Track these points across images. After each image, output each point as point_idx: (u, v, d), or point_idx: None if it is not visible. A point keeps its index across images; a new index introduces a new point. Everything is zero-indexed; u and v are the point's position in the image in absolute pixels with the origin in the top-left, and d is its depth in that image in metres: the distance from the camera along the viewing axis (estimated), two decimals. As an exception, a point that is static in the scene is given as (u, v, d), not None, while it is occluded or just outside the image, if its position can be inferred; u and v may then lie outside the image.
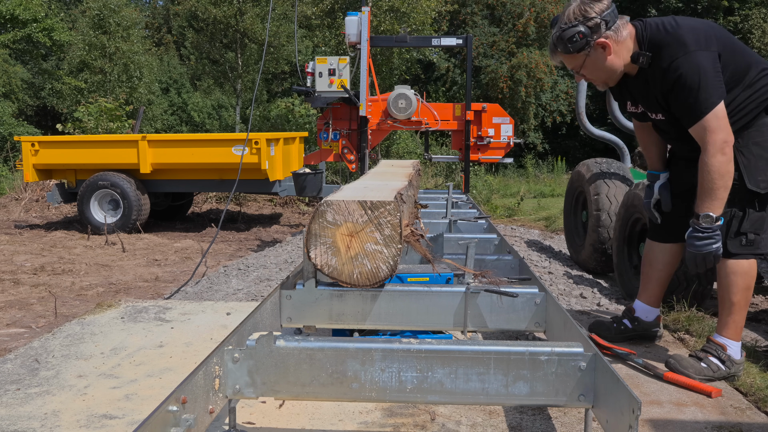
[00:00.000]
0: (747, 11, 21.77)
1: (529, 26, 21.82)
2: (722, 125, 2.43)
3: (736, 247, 2.59)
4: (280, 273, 4.84)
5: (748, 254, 2.60)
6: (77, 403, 2.36)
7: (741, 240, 2.59)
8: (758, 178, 2.55)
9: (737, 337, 2.63)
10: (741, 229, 2.58)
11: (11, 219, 9.73)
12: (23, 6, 21.92)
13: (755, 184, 2.54)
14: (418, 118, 6.38)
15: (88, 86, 19.26)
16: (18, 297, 4.74)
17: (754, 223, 2.58)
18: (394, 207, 2.17)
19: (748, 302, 2.63)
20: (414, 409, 2.27)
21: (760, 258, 2.65)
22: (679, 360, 2.63)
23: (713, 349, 2.63)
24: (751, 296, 2.64)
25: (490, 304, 2.32)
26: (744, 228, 2.58)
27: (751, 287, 2.62)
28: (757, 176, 2.55)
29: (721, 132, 2.42)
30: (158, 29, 30.21)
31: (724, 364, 2.59)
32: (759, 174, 2.55)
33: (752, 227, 2.58)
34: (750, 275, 2.61)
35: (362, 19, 6.03)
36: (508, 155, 6.71)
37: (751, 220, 2.58)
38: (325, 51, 16.39)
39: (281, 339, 1.80)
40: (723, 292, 2.64)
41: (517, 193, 12.52)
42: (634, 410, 1.46)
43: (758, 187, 2.54)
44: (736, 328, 2.63)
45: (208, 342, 3.06)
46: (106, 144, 8.30)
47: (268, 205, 11.01)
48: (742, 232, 2.58)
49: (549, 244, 6.30)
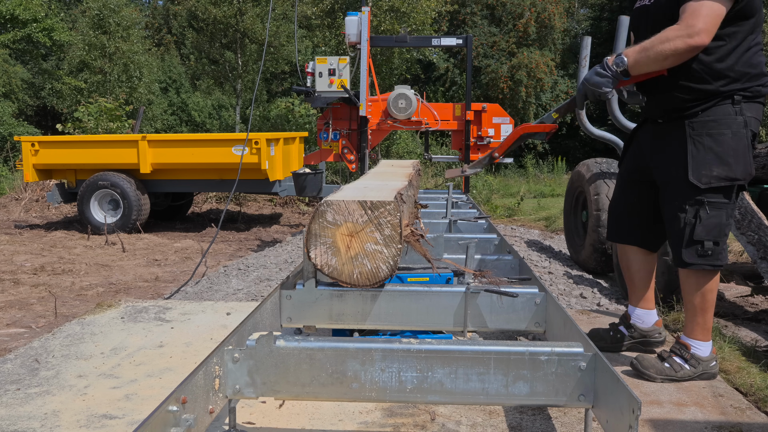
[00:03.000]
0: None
1: (530, 26, 21.83)
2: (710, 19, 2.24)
3: (692, 257, 2.44)
4: (280, 273, 4.84)
5: (704, 265, 2.44)
6: (77, 403, 2.36)
7: (697, 249, 2.42)
8: (702, 171, 2.37)
9: (704, 337, 2.55)
10: (694, 236, 2.41)
11: (11, 219, 9.73)
12: (23, 6, 21.92)
13: (697, 177, 2.37)
14: (418, 118, 6.38)
15: (88, 86, 19.25)
16: (18, 297, 4.74)
17: (712, 230, 2.40)
18: (394, 207, 2.17)
19: (711, 304, 2.51)
20: (414, 409, 2.27)
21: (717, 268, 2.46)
22: (641, 360, 2.60)
23: (677, 348, 2.58)
24: (715, 297, 2.53)
25: (490, 304, 2.32)
26: (698, 235, 2.40)
27: (713, 290, 2.50)
28: (701, 169, 2.37)
29: (702, 22, 2.23)
30: (158, 29, 30.20)
31: (687, 362, 2.53)
32: (703, 168, 2.37)
33: (708, 235, 2.40)
34: (714, 280, 2.49)
35: (362, 19, 6.03)
36: (507, 155, 6.70)
37: (705, 226, 2.40)
38: (325, 51, 16.40)
39: (281, 339, 1.80)
40: (684, 296, 2.57)
41: (517, 193, 12.52)
42: (634, 410, 1.46)
43: (699, 181, 2.37)
44: (702, 330, 2.54)
45: (208, 342, 3.06)
46: (106, 144, 8.30)
47: (268, 205, 11.01)
48: (696, 240, 2.41)
49: (549, 244, 6.30)
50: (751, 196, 3.68)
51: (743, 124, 2.37)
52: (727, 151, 2.37)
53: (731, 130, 2.37)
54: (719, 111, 2.38)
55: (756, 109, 2.44)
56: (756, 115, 2.44)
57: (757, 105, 2.44)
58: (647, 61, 2.36)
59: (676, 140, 2.46)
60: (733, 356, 2.89)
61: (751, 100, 2.41)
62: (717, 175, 2.36)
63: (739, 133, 2.37)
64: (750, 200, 3.60)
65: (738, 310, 4.09)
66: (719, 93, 2.39)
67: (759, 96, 2.43)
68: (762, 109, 2.47)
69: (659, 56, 2.32)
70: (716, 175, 2.36)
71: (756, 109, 2.44)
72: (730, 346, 2.99)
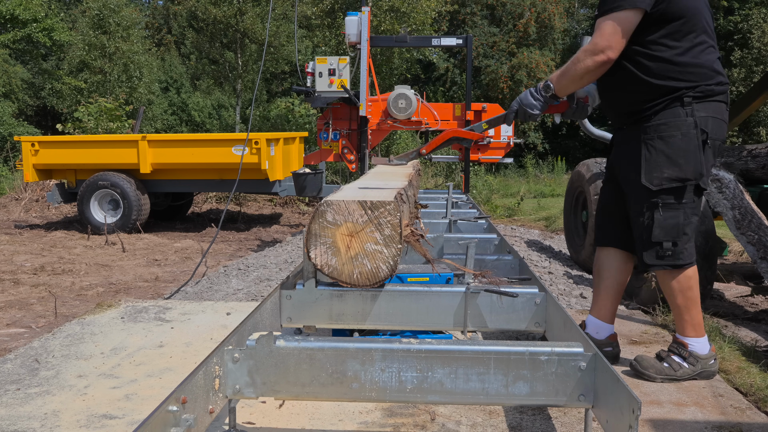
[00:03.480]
0: (747, 11, 21.76)
1: (530, 26, 21.83)
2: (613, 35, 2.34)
3: (652, 259, 2.47)
4: (280, 273, 4.84)
5: (665, 266, 2.46)
6: (77, 403, 2.36)
7: (657, 250, 2.45)
8: (653, 174, 2.41)
9: (696, 333, 2.54)
10: (653, 238, 2.44)
11: (11, 219, 9.72)
12: (23, 6, 21.91)
13: (649, 180, 2.41)
14: (418, 118, 6.38)
15: (88, 86, 19.25)
16: (18, 297, 4.74)
17: (669, 231, 2.42)
18: (394, 207, 2.17)
19: (694, 300, 2.51)
20: (414, 409, 2.27)
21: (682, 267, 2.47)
22: (640, 361, 2.60)
23: (675, 347, 2.57)
24: (697, 293, 2.51)
25: (490, 304, 2.32)
26: (656, 237, 2.43)
27: (691, 287, 2.49)
28: (653, 172, 2.41)
29: (605, 40, 2.35)
30: (158, 29, 30.19)
31: (686, 360, 2.53)
32: (655, 170, 2.41)
33: (666, 236, 2.42)
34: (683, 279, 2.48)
35: (362, 19, 6.03)
36: (508, 155, 6.70)
37: (662, 227, 2.42)
38: (325, 51, 16.39)
39: (281, 339, 1.80)
40: (666, 297, 2.59)
41: (517, 193, 12.52)
42: (634, 410, 1.46)
43: (651, 183, 2.41)
44: (694, 325, 2.54)
45: (208, 342, 3.06)
46: (106, 144, 8.30)
47: (268, 205, 11.01)
48: (654, 242, 2.44)
49: (549, 244, 6.30)
50: (751, 196, 3.68)
51: (693, 125, 2.39)
52: (677, 152, 2.40)
53: (680, 132, 2.40)
54: (669, 114, 2.42)
55: (712, 108, 2.44)
56: (713, 114, 2.43)
57: (714, 104, 2.44)
58: (568, 82, 2.49)
59: (634, 145, 2.52)
60: (733, 356, 2.89)
61: (704, 99, 2.42)
62: (668, 177, 2.40)
63: (689, 134, 2.40)
64: (750, 200, 3.60)
65: (738, 310, 4.09)
66: (667, 96, 2.42)
67: (713, 95, 2.43)
68: (722, 108, 2.47)
69: (576, 76, 2.45)
70: (667, 177, 2.40)
71: (712, 108, 2.44)
72: (730, 346, 2.99)
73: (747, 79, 20.85)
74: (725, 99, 2.48)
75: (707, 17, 2.47)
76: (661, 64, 2.41)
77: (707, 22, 2.47)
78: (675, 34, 2.40)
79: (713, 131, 2.43)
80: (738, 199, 3.58)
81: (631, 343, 3.10)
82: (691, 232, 2.45)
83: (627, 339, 3.14)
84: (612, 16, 2.35)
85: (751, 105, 4.34)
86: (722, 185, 3.68)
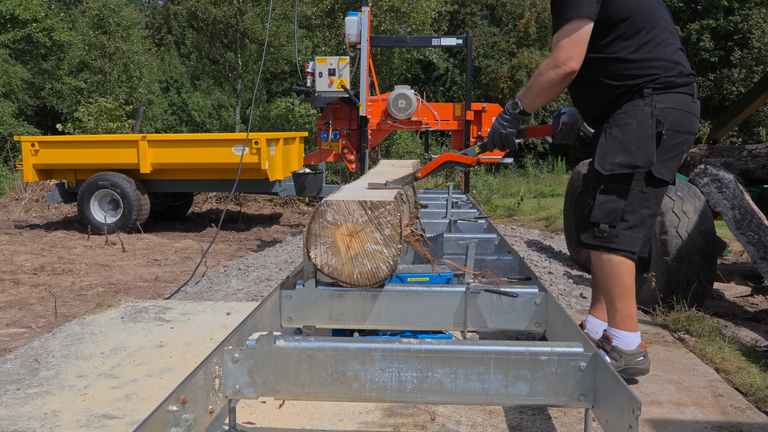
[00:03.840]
0: (747, 11, 21.77)
1: (530, 26, 21.82)
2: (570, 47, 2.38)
3: (588, 238, 2.49)
4: (280, 273, 4.84)
5: (598, 246, 2.46)
6: (77, 403, 2.36)
7: (594, 231, 2.46)
8: (606, 159, 2.44)
9: (626, 327, 2.47)
10: (591, 218, 2.46)
11: (11, 219, 9.73)
12: (23, 6, 21.92)
13: (601, 165, 2.44)
14: (418, 118, 6.38)
15: (88, 86, 19.25)
16: (18, 297, 4.74)
17: (608, 213, 2.43)
18: (394, 207, 2.17)
19: (626, 290, 2.47)
20: (414, 409, 2.27)
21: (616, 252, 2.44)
22: None
23: (600, 341, 2.54)
24: (630, 284, 2.46)
25: (490, 304, 2.32)
26: (594, 217, 2.45)
27: (622, 274, 2.45)
28: (605, 157, 2.44)
29: (563, 53, 2.39)
30: (158, 29, 30.19)
31: (608, 354, 2.48)
32: (608, 156, 2.44)
33: (605, 217, 2.44)
34: (614, 264, 2.45)
35: (362, 19, 6.03)
36: (508, 155, 6.70)
37: (602, 209, 2.44)
38: (325, 51, 16.38)
39: (281, 339, 1.80)
40: (598, 282, 2.57)
41: (517, 193, 12.52)
42: (634, 410, 1.46)
43: (603, 168, 2.44)
44: (622, 318, 2.47)
45: (208, 342, 3.06)
46: (106, 144, 8.30)
47: (268, 205, 11.01)
48: (592, 222, 2.46)
49: (549, 244, 6.30)
50: (751, 196, 3.68)
51: (650, 115, 2.41)
52: (631, 139, 2.42)
53: (636, 120, 2.42)
54: (630, 105, 2.46)
55: (674, 100, 2.44)
56: (675, 105, 2.44)
57: (676, 95, 2.45)
58: (534, 96, 2.52)
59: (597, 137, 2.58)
60: (733, 356, 2.89)
61: (665, 91, 2.43)
62: (619, 162, 2.42)
63: (645, 122, 2.41)
64: (750, 200, 3.60)
65: (738, 310, 4.09)
66: (629, 91, 2.46)
67: (674, 86, 2.44)
68: (686, 99, 2.46)
69: (542, 89, 2.48)
70: (618, 162, 2.42)
71: (674, 99, 2.44)
72: (730, 346, 2.99)
73: (747, 79, 20.86)
74: (690, 91, 2.48)
75: (660, 12, 2.51)
76: (618, 64, 2.46)
77: (660, 16, 2.50)
78: (625, 34, 2.45)
79: (673, 122, 2.43)
80: (738, 199, 3.58)
81: (631, 343, 3.10)
82: (634, 221, 2.43)
83: (627, 339, 3.14)
84: (564, 30, 2.41)
85: (751, 105, 4.34)
86: (722, 185, 3.68)
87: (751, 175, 4.15)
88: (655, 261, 3.62)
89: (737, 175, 3.95)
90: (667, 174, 2.43)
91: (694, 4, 22.51)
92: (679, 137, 2.45)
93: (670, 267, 3.54)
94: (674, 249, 3.54)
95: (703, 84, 22.70)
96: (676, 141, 2.45)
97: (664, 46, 2.47)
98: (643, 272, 3.68)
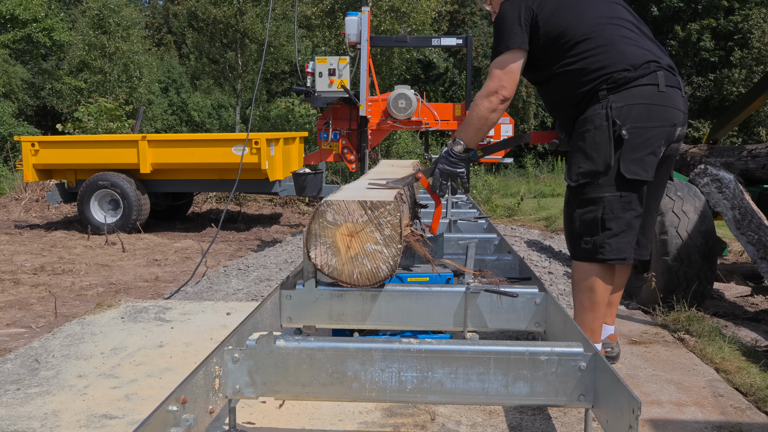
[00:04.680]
0: (747, 11, 21.76)
1: (530, 26, 21.77)
2: (502, 76, 2.44)
3: (577, 251, 2.49)
4: (280, 273, 4.84)
5: (586, 258, 2.46)
6: (77, 403, 2.36)
7: (579, 243, 2.47)
8: (572, 170, 2.45)
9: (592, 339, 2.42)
10: (575, 231, 2.48)
11: (11, 219, 9.72)
12: (23, 6, 21.90)
13: (569, 176, 2.46)
14: (418, 118, 6.37)
15: (88, 86, 19.24)
16: (18, 297, 4.74)
17: (588, 225, 2.42)
18: (394, 207, 2.17)
19: (594, 304, 2.46)
20: (414, 409, 2.27)
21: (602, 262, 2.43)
22: None
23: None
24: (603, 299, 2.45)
25: (490, 304, 2.32)
26: (577, 230, 2.46)
27: (593, 289, 2.45)
28: (572, 169, 2.46)
29: (495, 82, 2.45)
30: (158, 29, 30.19)
31: None
32: (574, 166, 2.45)
33: (586, 229, 2.43)
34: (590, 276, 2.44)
35: (362, 19, 6.02)
36: (508, 155, 6.70)
37: (582, 221, 2.44)
38: (325, 51, 16.37)
39: (281, 339, 1.80)
40: (574, 291, 2.56)
41: (517, 193, 12.51)
42: (634, 410, 1.46)
43: (570, 179, 2.46)
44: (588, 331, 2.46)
45: (208, 342, 3.06)
46: (106, 144, 8.29)
47: (268, 205, 11.01)
48: (577, 235, 2.47)
49: (549, 244, 6.29)
50: (751, 196, 3.68)
51: (605, 117, 2.39)
52: (590, 145, 2.41)
53: (594, 125, 2.41)
54: (590, 110, 2.45)
55: (632, 95, 2.38)
56: (633, 101, 2.38)
57: (634, 90, 2.39)
58: (474, 130, 2.54)
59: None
60: (733, 356, 2.89)
61: (619, 89, 2.39)
62: (583, 171, 2.42)
63: (601, 126, 2.39)
64: (750, 200, 3.60)
65: (738, 310, 4.09)
66: (586, 97, 2.46)
67: (628, 81, 2.39)
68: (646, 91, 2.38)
69: (480, 120, 2.51)
70: (582, 172, 2.42)
71: (632, 94, 2.38)
72: (730, 346, 2.99)
73: (747, 79, 20.86)
74: (652, 80, 2.39)
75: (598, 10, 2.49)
76: (569, 76, 2.47)
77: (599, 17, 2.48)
78: (565, 48, 2.46)
79: (637, 118, 2.36)
80: (738, 199, 3.58)
81: (631, 343, 3.10)
82: (618, 228, 2.39)
83: (627, 339, 3.14)
84: (496, 62, 2.48)
85: (751, 105, 4.34)
86: (722, 185, 3.67)
87: (751, 175, 4.15)
88: (655, 261, 3.62)
89: (737, 175, 3.95)
90: (641, 172, 2.37)
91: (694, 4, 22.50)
92: (649, 132, 2.38)
93: (670, 267, 3.54)
94: (674, 249, 3.54)
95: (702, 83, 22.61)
96: (646, 136, 2.37)
97: (613, 45, 2.43)
98: (643, 272, 3.67)
